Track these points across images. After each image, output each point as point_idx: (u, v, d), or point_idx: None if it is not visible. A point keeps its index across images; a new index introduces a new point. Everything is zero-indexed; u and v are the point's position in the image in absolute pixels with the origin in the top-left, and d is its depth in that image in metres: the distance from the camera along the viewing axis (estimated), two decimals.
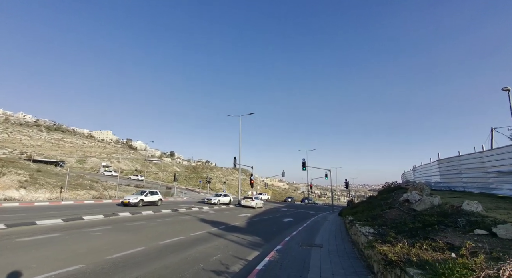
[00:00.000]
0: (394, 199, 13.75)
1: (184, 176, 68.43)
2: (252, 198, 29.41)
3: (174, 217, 16.31)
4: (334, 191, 79.52)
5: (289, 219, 20.42)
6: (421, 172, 24.39)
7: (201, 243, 9.39)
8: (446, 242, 4.94)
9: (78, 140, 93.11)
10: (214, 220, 16.05)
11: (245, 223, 15.94)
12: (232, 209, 25.90)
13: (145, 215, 16.22)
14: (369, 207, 15.24)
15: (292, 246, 9.46)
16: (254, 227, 14.57)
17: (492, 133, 21.72)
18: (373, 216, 10.73)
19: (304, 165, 32.92)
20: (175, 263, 6.68)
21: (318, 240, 10.99)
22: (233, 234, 11.62)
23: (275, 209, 30.27)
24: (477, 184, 14.48)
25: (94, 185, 31.75)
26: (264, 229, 14.03)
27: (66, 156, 69.27)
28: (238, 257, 7.80)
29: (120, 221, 13.09)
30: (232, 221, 16.40)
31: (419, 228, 6.28)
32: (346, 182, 38.61)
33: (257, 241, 10.60)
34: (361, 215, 12.70)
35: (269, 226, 15.58)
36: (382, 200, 15.95)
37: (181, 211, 19.89)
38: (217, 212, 21.66)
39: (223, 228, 13.31)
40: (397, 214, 9.81)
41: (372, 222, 9.52)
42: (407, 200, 11.49)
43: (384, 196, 16.81)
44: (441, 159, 18.62)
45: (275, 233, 12.95)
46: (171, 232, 11.08)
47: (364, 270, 6.37)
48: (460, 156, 16.21)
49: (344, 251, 8.73)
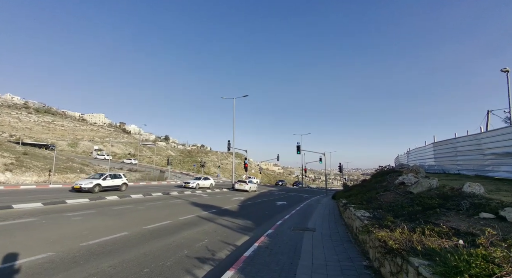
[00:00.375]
0: (389, 181, 13.44)
1: (178, 160, 67.90)
2: (246, 181, 29.13)
3: (164, 200, 15.84)
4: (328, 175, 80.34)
5: (282, 202, 20.21)
6: (415, 155, 24.20)
7: (189, 227, 8.93)
8: (450, 227, 4.47)
9: (69, 123, 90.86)
10: (205, 204, 15.66)
11: (237, 207, 15.59)
12: (226, 193, 25.62)
13: (134, 199, 15.70)
14: (363, 190, 14.97)
15: (284, 230, 9.07)
16: (246, 211, 14.22)
17: (488, 116, 21.37)
18: (367, 199, 10.37)
19: (299, 148, 32.53)
20: (157, 250, 6.18)
21: (311, 223, 10.65)
22: (223, 218, 11.22)
23: (269, 193, 30.16)
24: (472, 166, 14.21)
25: (85, 168, 31.00)
26: (256, 213, 13.69)
27: (57, 139, 67.74)
28: (226, 242, 7.35)
29: (106, 205, 12.54)
30: (225, 204, 16.03)
31: (419, 212, 5.83)
32: (340, 165, 38.59)
33: (248, 225, 10.20)
34: (355, 198, 12.38)
35: (261, 209, 15.26)
36: (376, 183, 15.67)
37: (172, 195, 19.44)
38: (210, 196, 21.31)
39: (214, 211, 12.90)
40: (393, 197, 9.44)
41: (367, 205, 9.14)
42: (402, 183, 11.13)
43: (378, 179, 16.55)
44: (437, 142, 18.28)
45: (267, 216, 12.61)
46: (159, 216, 10.59)
47: (359, 256, 5.97)
48: (456, 138, 15.84)
49: (338, 235, 8.37)
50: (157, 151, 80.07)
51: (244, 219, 11.29)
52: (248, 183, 28.94)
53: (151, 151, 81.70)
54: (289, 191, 37.00)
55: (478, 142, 13.64)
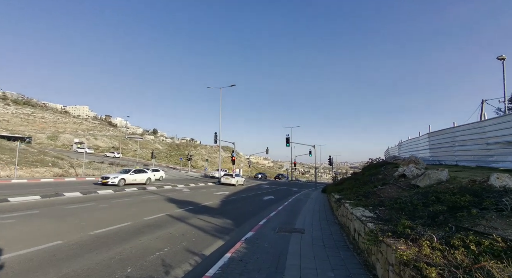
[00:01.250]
0: (385, 174, 12.08)
1: (164, 153, 65.44)
2: (232, 175, 27.49)
3: (136, 196, 13.98)
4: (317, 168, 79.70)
5: (269, 197, 18.71)
6: (407, 146, 23.14)
7: (151, 230, 7.20)
8: (505, 237, 2.95)
9: (50, 115, 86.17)
10: (183, 200, 13.92)
11: (219, 203, 13.94)
12: (210, 187, 23.92)
13: (101, 195, 13.77)
14: (356, 183, 13.59)
15: (267, 232, 7.49)
16: (228, 207, 12.59)
17: (482, 106, 20.42)
18: (365, 194, 8.90)
19: (288, 140, 31.07)
20: (87, 268, 4.44)
21: (300, 223, 9.12)
22: (199, 217, 9.54)
23: (257, 187, 28.67)
24: (472, 157, 13.04)
25: (59, 162, 28.48)
26: (239, 210, 12.09)
27: (36, 132, 63.81)
28: (192, 251, 5.69)
29: (61, 203, 10.59)
30: (205, 200, 14.35)
31: (443, 212, 4.32)
32: (330, 158, 37.49)
33: (226, 225, 8.57)
34: (349, 192, 10.94)
35: (245, 205, 13.67)
36: (370, 175, 14.34)
37: (149, 189, 17.57)
38: (192, 190, 19.55)
39: (190, 209, 11.20)
40: (395, 192, 8.00)
41: (366, 202, 7.65)
42: (403, 175, 9.74)
43: (372, 171, 15.23)
44: (433, 132, 17.10)
45: (251, 214, 11.01)
46: (120, 216, 8.79)
47: (362, 272, 4.43)
48: (455, 127, 14.63)
49: (331, 239, 6.85)
50: (144, 145, 77.23)
51: (223, 218, 9.65)
52: (235, 176, 27.32)
53: (137, 144, 78.72)
54: (278, 184, 35.66)
55: (481, 130, 12.42)
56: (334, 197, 11.57)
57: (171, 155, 61.93)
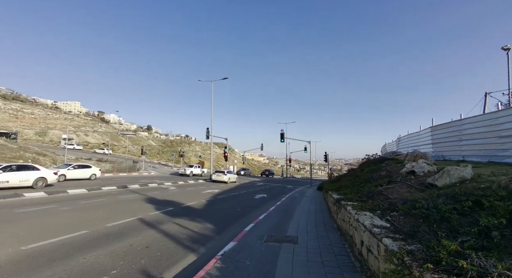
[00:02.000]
0: (388, 170, 10.74)
1: (157, 149, 63.55)
2: (224, 171, 26.04)
3: (112, 196, 12.44)
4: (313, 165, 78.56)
5: (261, 195, 17.32)
6: (406, 142, 21.92)
7: (108, 242, 5.72)
8: None
9: (40, 111, 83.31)
10: (165, 200, 12.44)
11: (204, 202, 12.49)
12: (200, 185, 22.44)
13: (71, 195, 12.20)
14: (356, 181, 12.25)
15: (253, 242, 6.07)
16: (213, 208, 11.15)
17: (486, 98, 19.26)
18: (368, 194, 7.53)
19: (282, 136, 29.66)
20: None
21: (293, 228, 7.73)
22: (176, 221, 8.09)
23: (250, 184, 27.29)
24: (483, 151, 11.78)
25: (40, 159, 26.70)
26: (225, 211, 10.65)
27: (23, 128, 61.28)
28: (149, 274, 4.24)
29: (15, 206, 9.01)
30: (190, 200, 12.89)
31: (499, 227, 2.93)
32: (326, 155, 36.26)
33: (205, 232, 7.13)
34: (349, 191, 9.56)
35: (234, 205, 12.25)
36: (370, 172, 13.02)
37: (130, 188, 16.02)
38: (179, 189, 18.06)
39: (169, 211, 9.74)
40: (406, 192, 6.64)
41: (371, 204, 6.27)
42: (411, 172, 8.39)
43: (372, 168, 13.91)
44: (436, 125, 15.84)
45: (238, 216, 9.59)
46: (76, 222, 7.27)
47: None
48: (462, 119, 13.36)
49: (331, 252, 5.46)
50: (137, 141, 75.19)
51: (204, 222, 8.21)
52: (227, 173, 25.87)
53: (131, 141, 76.62)
54: (271, 181, 34.38)
55: (493, 123, 11.15)
56: (332, 196, 10.19)
57: (163, 152, 60.05)
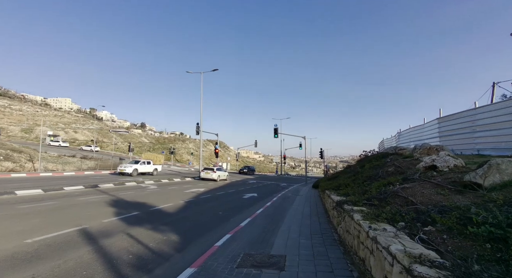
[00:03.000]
0: (397, 166, 8.93)
1: (147, 146, 61.22)
2: (213, 169, 24.06)
3: (69, 198, 10.39)
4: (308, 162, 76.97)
5: (251, 194, 15.43)
6: (408, 136, 20.23)
7: (0, 272, 3.78)
8: None
9: (29, 107, 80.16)
10: (136, 201, 10.47)
11: (182, 204, 10.55)
12: (186, 183, 20.46)
13: (19, 196, 10.13)
14: (357, 178, 10.42)
15: (219, 267, 4.16)
16: (189, 212, 9.22)
17: (493, 88, 17.62)
18: (379, 196, 5.67)
19: (276, 131, 27.79)
20: None
21: (280, 241, 5.84)
22: (131, 232, 6.14)
23: (241, 182, 25.40)
24: (504, 144, 10.06)
25: (14, 155, 24.36)
26: (202, 215, 8.73)
27: (9, 125, 58.40)
28: None
29: None
30: (166, 201, 10.94)
31: None
32: (321, 151, 34.55)
33: (161, 249, 5.20)
34: (352, 191, 7.70)
35: (215, 208, 10.33)
36: (373, 168, 11.21)
37: (101, 188, 13.98)
38: (159, 187, 16.07)
39: (132, 216, 7.78)
40: (434, 193, 4.79)
41: (388, 211, 4.39)
42: (432, 167, 6.58)
43: (374, 164, 12.11)
44: (444, 116, 14.11)
45: (215, 223, 7.68)
46: None
47: None
48: (477, 108, 11.64)
49: None
50: (129, 138, 72.70)
51: (168, 232, 6.29)
52: (217, 170, 23.91)
53: (123, 138, 74.16)
54: (265, 179, 32.55)
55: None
56: (331, 197, 8.32)
57: (154, 149, 57.72)
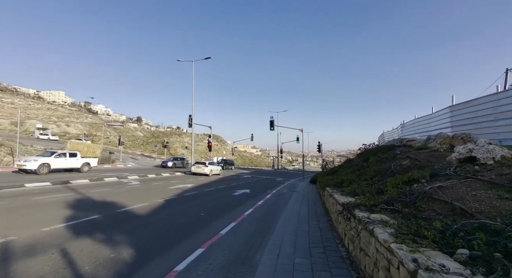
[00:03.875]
0: (414, 158, 7.38)
1: (141, 140, 59.38)
2: (205, 163, 22.46)
3: (24, 197, 8.75)
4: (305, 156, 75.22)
5: (243, 190, 13.89)
6: (413, 127, 18.68)
7: None
8: None
9: (21, 100, 77.66)
10: (104, 201, 8.85)
11: (160, 204, 8.95)
12: (174, 178, 18.88)
13: None
14: (362, 173, 8.84)
15: None
16: (164, 214, 7.62)
17: (506, 75, 16.05)
18: (404, 199, 4.07)
19: (272, 123, 26.15)
20: None
21: (267, 261, 4.24)
22: (70, 246, 4.52)
23: (236, 176, 23.87)
24: None
25: None
26: (179, 219, 7.14)
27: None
28: None
29: None
30: (142, 200, 9.34)
31: None
32: (319, 144, 33.04)
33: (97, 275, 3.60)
34: (359, 189, 6.10)
35: (197, 207, 8.74)
36: (380, 162, 9.66)
37: (73, 184, 12.34)
38: (142, 183, 14.47)
39: (87, 221, 6.16)
40: (493, 196, 3.20)
41: (436, 230, 2.82)
42: (469, 158, 5.02)
43: (381, 157, 10.55)
44: (458, 104, 12.52)
45: (190, 230, 6.08)
46: None
47: None
48: (499, 92, 10.08)
49: None
50: (124, 132, 70.74)
51: (122, 246, 4.68)
52: (209, 165, 22.33)
53: (117, 132, 72.12)
54: (261, 173, 31.05)
55: None
56: (334, 197, 6.72)
57: (148, 142, 55.89)
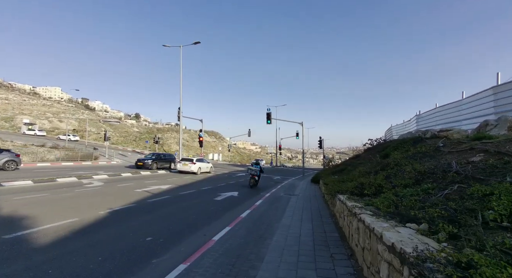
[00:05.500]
0: (496, 152, 4.50)
1: (133, 136, 56.55)
2: (193, 160, 19.58)
3: None
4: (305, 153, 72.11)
5: (230, 193, 10.98)
6: (433, 118, 15.62)
7: None
8: None
9: (16, 96, 74.77)
10: (10, 216, 5.97)
11: (99, 217, 6.05)
12: (152, 177, 16.00)
13: None
14: (391, 174, 5.95)
15: None
16: (84, 242, 4.69)
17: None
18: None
19: (269, 116, 23.21)
20: None
21: None
22: None
23: (227, 175, 20.98)
24: None
25: None
26: (104, 250, 4.22)
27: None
28: None
29: None
30: (79, 211, 6.47)
31: None
32: (321, 140, 30.12)
33: None
34: (409, 202, 3.22)
35: (151, 225, 5.83)
36: (413, 158, 6.74)
37: (5, 187, 9.47)
38: (106, 184, 11.58)
39: None
40: None
41: None
42: None
43: (413, 151, 7.60)
44: (505, 83, 9.50)
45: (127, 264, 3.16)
46: None
47: None
48: None
49: None
50: (119, 128, 68.06)
51: None
52: (197, 162, 19.45)
53: (113, 128, 69.34)
54: None
55: None
56: (364, 222, 3.68)
57: (141, 138, 53.04)
